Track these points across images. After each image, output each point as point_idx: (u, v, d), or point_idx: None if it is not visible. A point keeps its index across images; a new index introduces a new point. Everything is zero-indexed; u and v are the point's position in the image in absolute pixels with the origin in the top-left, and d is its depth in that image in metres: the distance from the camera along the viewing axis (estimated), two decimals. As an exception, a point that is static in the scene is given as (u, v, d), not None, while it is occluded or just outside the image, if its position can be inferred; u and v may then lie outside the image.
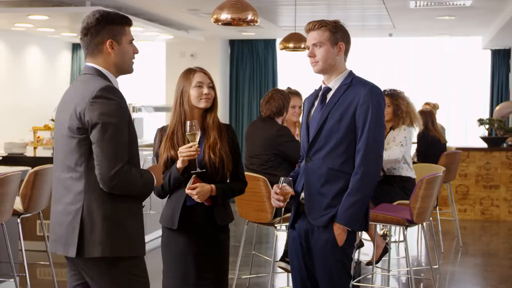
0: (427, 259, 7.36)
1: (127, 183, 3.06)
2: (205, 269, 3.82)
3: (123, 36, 3.18)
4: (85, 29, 3.16)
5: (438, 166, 6.34)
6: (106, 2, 7.99)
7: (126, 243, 3.11)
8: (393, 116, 6.09)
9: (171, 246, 3.86)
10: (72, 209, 3.07)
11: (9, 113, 10.76)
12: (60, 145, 3.14)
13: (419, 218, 5.14)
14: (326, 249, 3.62)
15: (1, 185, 4.81)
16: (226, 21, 5.07)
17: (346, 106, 3.60)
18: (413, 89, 12.03)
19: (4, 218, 4.99)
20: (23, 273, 5.54)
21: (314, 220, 3.64)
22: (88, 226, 3.04)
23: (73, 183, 3.08)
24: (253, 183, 5.23)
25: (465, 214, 10.34)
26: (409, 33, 11.57)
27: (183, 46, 12.03)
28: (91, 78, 3.12)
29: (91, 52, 3.17)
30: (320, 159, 3.64)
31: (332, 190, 3.60)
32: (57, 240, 3.15)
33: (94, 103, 3.00)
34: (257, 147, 5.60)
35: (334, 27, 3.66)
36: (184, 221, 3.81)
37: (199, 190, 3.72)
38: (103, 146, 2.99)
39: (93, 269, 3.09)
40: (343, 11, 9.18)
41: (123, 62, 3.20)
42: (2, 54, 10.82)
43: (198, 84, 3.82)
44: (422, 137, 8.53)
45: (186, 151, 3.71)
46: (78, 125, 3.03)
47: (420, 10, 8.61)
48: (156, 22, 9.71)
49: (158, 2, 8.49)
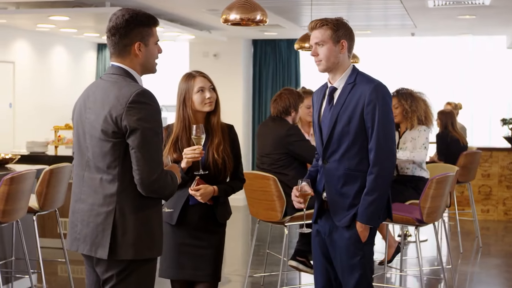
0: (445, 259, 7.34)
1: (164, 187, 3.12)
2: (202, 260, 3.95)
3: (150, 37, 3.18)
4: (113, 28, 3.14)
5: (452, 166, 6.32)
6: (126, 3, 8.06)
7: (154, 245, 3.17)
8: (402, 117, 6.08)
9: (170, 239, 3.98)
10: (102, 211, 3.09)
11: (35, 112, 10.94)
12: (89, 145, 3.14)
13: (429, 218, 5.14)
14: (350, 246, 3.68)
15: (16, 183, 4.90)
16: (235, 21, 5.11)
17: (353, 107, 3.63)
18: (436, 89, 11.98)
19: (19, 215, 5.09)
20: (40, 270, 5.64)
21: (339, 222, 3.70)
22: (120, 228, 3.07)
23: (103, 184, 3.09)
24: (263, 182, 5.27)
25: (488, 214, 10.27)
26: (431, 32, 11.51)
27: (206, 46, 12.10)
28: (122, 80, 3.12)
29: (118, 52, 3.16)
30: (336, 161, 3.69)
31: (352, 190, 3.67)
32: (79, 239, 3.17)
33: (132, 108, 3.00)
34: (267, 146, 5.63)
35: (336, 25, 3.68)
36: (184, 217, 3.95)
37: (202, 192, 3.87)
38: (144, 152, 3.01)
39: (122, 270, 3.12)
40: (362, 10, 9.17)
41: (149, 63, 3.21)
42: (28, 54, 11.00)
43: (200, 89, 3.93)
44: (441, 138, 8.49)
45: (190, 153, 3.80)
46: (113, 129, 3.03)
47: (439, 10, 8.56)
48: (177, 22, 9.78)
49: (178, 3, 8.55)
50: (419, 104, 6.03)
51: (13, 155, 6.32)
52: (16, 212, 5.00)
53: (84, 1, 7.92)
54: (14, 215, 4.99)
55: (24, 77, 10.89)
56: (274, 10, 8.97)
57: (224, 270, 7.31)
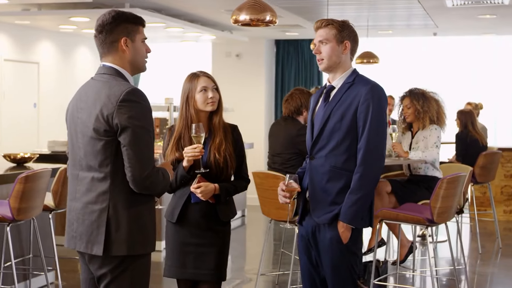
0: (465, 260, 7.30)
1: (156, 184, 3.18)
2: (204, 259, 3.99)
3: (136, 34, 3.25)
4: (100, 26, 3.22)
5: (466, 166, 6.28)
6: (145, 4, 8.15)
7: (147, 241, 3.24)
8: (414, 117, 6.07)
9: (173, 237, 4.05)
10: (95, 208, 3.16)
11: (59, 112, 11.05)
12: (81, 144, 3.21)
13: (440, 218, 5.12)
14: (332, 247, 3.67)
15: (31, 181, 4.99)
16: (244, 22, 5.16)
17: (348, 104, 3.63)
18: (458, 89, 11.91)
19: (35, 213, 5.17)
20: (56, 267, 5.73)
21: (318, 218, 3.69)
22: (113, 225, 3.15)
23: (96, 183, 3.17)
24: (273, 182, 5.30)
25: (510, 215, 10.19)
26: (453, 32, 11.46)
27: (228, 46, 12.16)
28: (112, 79, 3.19)
29: (107, 50, 3.23)
30: (323, 157, 3.69)
31: (336, 187, 3.65)
32: (75, 237, 3.25)
33: (122, 107, 3.07)
34: (278, 146, 5.67)
35: (341, 26, 3.70)
36: (184, 215, 4.00)
37: (203, 189, 3.91)
38: (135, 149, 3.08)
39: (116, 266, 3.18)
40: (380, 10, 9.16)
41: (137, 60, 3.28)
42: (52, 54, 11.15)
43: (203, 88, 3.98)
44: (460, 138, 8.46)
45: (191, 152, 3.87)
46: (105, 128, 3.10)
47: (458, 9, 8.53)
48: (198, 23, 9.86)
49: (197, 3, 8.62)
50: (431, 104, 6.01)
51: (32, 154, 6.43)
52: (31, 210, 5.08)
53: (104, 2, 8.02)
54: (29, 213, 5.08)
55: (48, 77, 11.04)
56: (294, 10, 9.00)
57: (244, 268, 7.39)
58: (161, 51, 13.17)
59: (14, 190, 4.86)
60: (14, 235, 5.76)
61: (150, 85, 12.96)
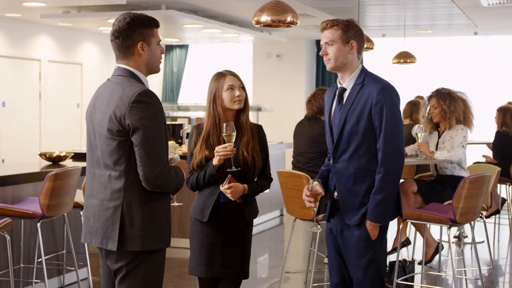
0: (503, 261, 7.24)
1: (168, 182, 3.29)
2: (230, 258, 4.04)
3: (152, 37, 3.34)
4: (116, 31, 3.33)
5: (493, 166, 6.21)
6: (180, 6, 8.26)
7: (161, 237, 3.34)
8: (441, 117, 6.05)
9: (200, 236, 4.08)
10: (110, 205, 3.28)
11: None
12: (98, 143, 3.34)
13: (462, 218, 5.09)
14: (360, 244, 3.74)
15: (60, 179, 5.12)
16: (266, 23, 5.22)
17: (362, 107, 3.69)
18: (500, 88, 11.75)
19: (65, 210, 5.30)
20: (87, 263, 5.87)
21: (349, 220, 3.77)
22: (127, 221, 3.26)
23: (111, 180, 3.29)
24: (296, 181, 5.35)
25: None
26: (495, 31, 11.33)
27: (269, 47, 12.23)
28: (126, 81, 3.30)
29: (123, 54, 3.33)
30: (346, 161, 3.76)
31: (362, 189, 3.72)
32: (91, 232, 3.38)
33: (134, 108, 3.18)
34: (302, 146, 5.72)
35: (347, 26, 3.74)
36: (214, 215, 4.04)
37: (233, 190, 3.94)
38: (146, 149, 3.19)
39: (130, 261, 3.30)
40: (413, 10, 9.12)
41: (152, 63, 3.38)
42: (95, 55, 11.38)
43: (230, 87, 4.01)
44: (499, 136, 8.35)
45: (222, 151, 3.91)
46: (118, 128, 3.22)
47: (495, 8, 8.44)
48: (236, 24, 9.95)
49: (233, 4, 8.71)
50: (457, 104, 5.98)
51: (68, 152, 6.60)
52: (61, 207, 5.21)
53: (141, 4, 8.17)
54: (59, 209, 5.21)
55: (91, 78, 11.27)
56: (331, 11, 9.03)
57: (282, 266, 7.42)
58: (203, 52, 13.32)
59: (44, 187, 5.00)
60: (48, 232, 5.93)
61: (193, 85, 13.11)
